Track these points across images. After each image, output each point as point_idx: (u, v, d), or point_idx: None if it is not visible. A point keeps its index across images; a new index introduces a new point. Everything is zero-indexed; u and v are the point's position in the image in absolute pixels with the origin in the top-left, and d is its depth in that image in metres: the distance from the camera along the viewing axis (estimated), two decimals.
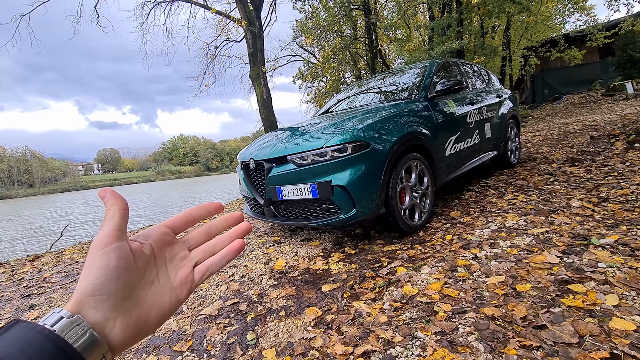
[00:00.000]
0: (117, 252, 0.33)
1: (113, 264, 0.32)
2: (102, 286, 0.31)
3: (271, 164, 2.43)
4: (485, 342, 1.19)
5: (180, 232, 0.42)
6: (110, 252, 0.33)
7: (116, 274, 0.32)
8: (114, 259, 0.33)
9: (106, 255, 0.32)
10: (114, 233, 0.34)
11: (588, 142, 4.76)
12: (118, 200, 0.36)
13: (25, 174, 71.17)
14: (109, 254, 0.33)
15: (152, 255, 0.38)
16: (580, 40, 13.93)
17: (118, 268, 0.33)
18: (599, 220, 2.08)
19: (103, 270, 0.32)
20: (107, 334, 0.31)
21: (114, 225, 0.34)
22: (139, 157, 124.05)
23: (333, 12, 11.61)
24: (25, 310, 2.13)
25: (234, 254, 0.42)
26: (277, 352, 1.37)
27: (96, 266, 0.32)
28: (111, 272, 0.32)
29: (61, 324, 0.28)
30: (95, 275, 0.31)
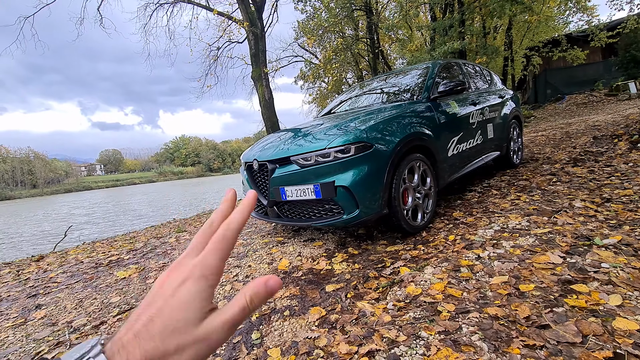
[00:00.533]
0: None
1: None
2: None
3: (275, 165, 2.45)
4: (489, 341, 1.19)
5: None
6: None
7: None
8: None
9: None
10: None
11: (591, 143, 4.76)
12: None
13: (28, 174, 71.62)
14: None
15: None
16: (582, 40, 13.90)
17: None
18: (602, 221, 2.08)
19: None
20: None
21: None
22: (141, 158, 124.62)
23: (334, 12, 11.65)
24: (32, 310, 2.16)
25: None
26: (282, 351, 1.38)
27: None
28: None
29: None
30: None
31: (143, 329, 0.28)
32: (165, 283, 0.30)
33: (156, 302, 0.29)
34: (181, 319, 0.28)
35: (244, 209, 0.34)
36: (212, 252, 0.31)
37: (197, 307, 0.29)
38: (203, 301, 0.30)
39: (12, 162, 69.52)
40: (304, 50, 16.39)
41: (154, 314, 0.28)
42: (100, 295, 2.28)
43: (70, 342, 1.69)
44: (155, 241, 3.77)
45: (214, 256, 0.31)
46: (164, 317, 0.28)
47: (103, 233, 9.69)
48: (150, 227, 5.41)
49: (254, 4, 9.79)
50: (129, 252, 3.42)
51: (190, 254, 0.32)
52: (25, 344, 1.72)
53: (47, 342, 1.72)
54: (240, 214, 0.34)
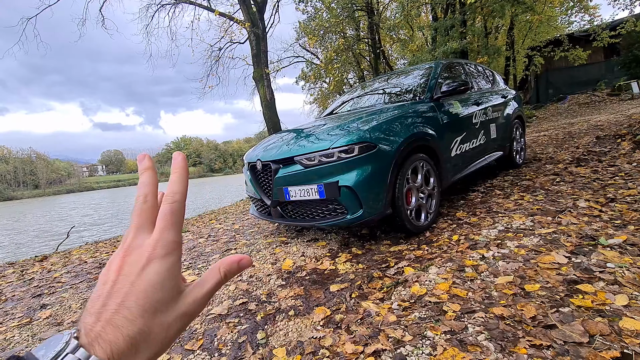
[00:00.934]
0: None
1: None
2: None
3: (278, 165, 2.45)
4: (495, 341, 1.19)
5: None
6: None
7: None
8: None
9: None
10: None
11: (594, 143, 4.74)
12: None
13: (30, 175, 71.88)
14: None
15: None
16: (585, 40, 13.85)
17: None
18: (606, 221, 2.07)
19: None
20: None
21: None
22: None
23: (336, 13, 11.65)
24: (37, 310, 2.16)
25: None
26: (287, 351, 1.39)
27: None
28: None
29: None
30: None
31: (118, 316, 0.26)
32: (123, 267, 0.29)
33: (121, 288, 0.28)
34: (159, 299, 0.28)
35: (182, 176, 0.33)
36: (167, 229, 0.30)
37: (171, 285, 0.29)
38: (175, 278, 0.30)
39: (14, 163, 69.79)
40: (305, 51, 16.40)
41: (125, 299, 0.27)
42: None
43: None
44: None
45: (171, 232, 0.30)
46: (139, 300, 0.27)
47: (115, 233, 9.71)
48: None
49: (256, 5, 9.81)
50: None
51: (139, 235, 0.30)
52: (31, 344, 1.73)
53: None
54: (180, 183, 0.32)
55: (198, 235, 3.75)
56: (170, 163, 0.36)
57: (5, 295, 2.54)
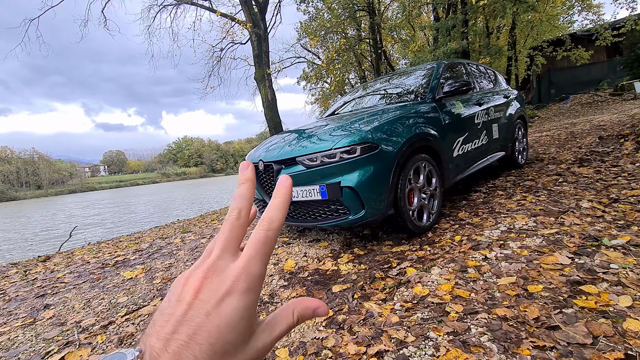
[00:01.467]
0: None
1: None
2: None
3: (280, 166, 2.45)
4: (498, 342, 1.19)
5: None
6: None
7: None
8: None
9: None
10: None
11: (597, 143, 4.73)
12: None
13: (33, 175, 72.17)
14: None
15: None
16: (587, 40, 13.81)
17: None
18: (610, 221, 2.07)
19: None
20: None
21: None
22: (145, 159, 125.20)
23: (337, 13, 11.66)
24: (40, 310, 2.17)
25: None
26: (290, 352, 1.39)
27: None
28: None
29: None
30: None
31: (187, 352, 0.24)
32: (201, 292, 0.26)
33: (195, 317, 0.25)
34: (230, 340, 0.25)
35: (284, 203, 0.29)
36: (255, 259, 0.27)
37: (246, 325, 0.26)
38: (251, 318, 0.26)
39: (17, 163, 70.10)
40: (306, 51, 16.43)
41: (197, 332, 0.24)
42: (108, 295, 2.29)
43: (79, 342, 1.70)
44: (161, 242, 3.79)
45: (258, 263, 0.27)
46: (211, 337, 0.24)
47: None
48: (155, 228, 5.44)
49: (257, 6, 9.82)
50: (134, 252, 3.44)
51: (224, 255, 0.27)
52: (34, 344, 1.74)
53: (56, 341, 1.73)
54: (280, 210, 0.29)
55: (200, 236, 3.76)
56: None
57: (9, 295, 2.55)
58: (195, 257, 2.91)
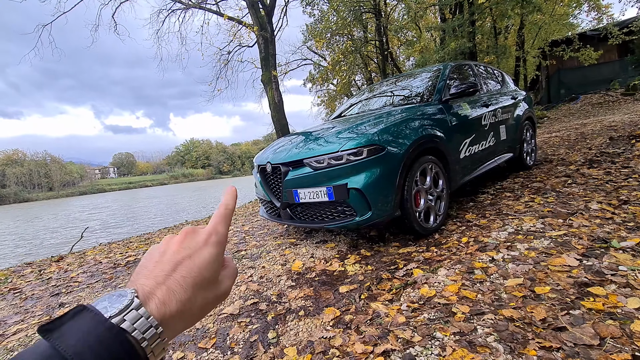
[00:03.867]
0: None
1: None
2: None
3: (288, 168, 2.49)
4: (504, 343, 1.20)
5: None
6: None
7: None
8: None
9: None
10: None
11: (607, 143, 4.66)
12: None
13: (45, 178, 73.60)
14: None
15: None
16: (597, 39, 13.60)
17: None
18: (619, 223, 2.05)
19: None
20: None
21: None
22: (153, 161, 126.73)
23: (343, 15, 11.69)
24: (55, 308, 2.24)
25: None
26: (298, 350, 1.41)
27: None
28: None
29: (130, 317, 0.28)
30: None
31: (174, 282, 0.32)
32: (184, 243, 0.35)
33: (180, 260, 0.34)
34: (206, 276, 0.34)
35: (232, 196, 0.42)
36: (221, 223, 0.39)
37: (217, 268, 0.36)
38: (219, 264, 0.36)
39: (29, 166, 71.58)
40: (312, 53, 16.50)
41: (182, 269, 0.33)
42: None
43: None
44: None
45: (223, 226, 0.39)
46: (193, 272, 0.33)
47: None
48: (164, 229, 5.52)
49: (264, 9, 9.92)
50: (145, 252, 3.50)
51: (194, 227, 0.39)
52: None
53: None
54: (232, 200, 0.42)
55: None
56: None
57: (26, 293, 2.63)
58: None
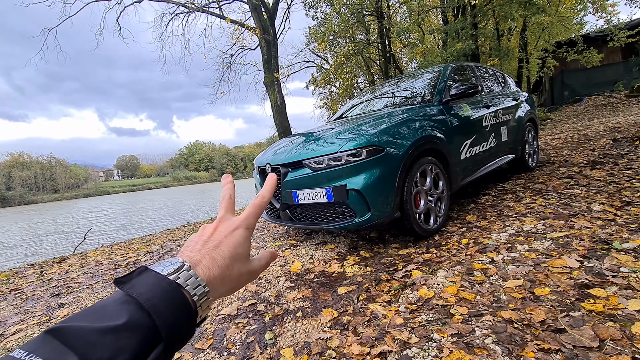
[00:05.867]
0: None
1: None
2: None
3: (287, 169, 2.49)
4: (502, 344, 1.19)
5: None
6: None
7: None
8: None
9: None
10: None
11: (610, 145, 4.63)
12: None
13: (50, 180, 74.19)
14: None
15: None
16: (601, 41, 13.52)
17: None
18: (621, 225, 2.02)
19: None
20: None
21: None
22: (157, 163, 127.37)
23: (345, 18, 11.73)
24: (55, 309, 2.25)
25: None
26: (294, 351, 1.40)
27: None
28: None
29: (183, 276, 0.34)
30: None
31: (215, 253, 0.39)
32: (218, 228, 0.42)
33: (217, 238, 0.41)
34: (240, 252, 0.41)
35: (271, 187, 0.49)
36: (252, 215, 0.45)
37: (247, 247, 0.43)
38: (249, 245, 0.43)
39: (35, 168, 72.21)
40: (315, 56, 16.56)
41: (220, 245, 0.40)
42: None
43: None
44: (171, 244, 3.86)
45: (254, 217, 0.45)
46: (229, 247, 0.40)
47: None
48: (166, 231, 5.54)
49: (267, 12, 9.98)
50: (145, 254, 3.51)
51: (227, 214, 0.45)
52: None
53: None
54: (269, 192, 0.48)
55: None
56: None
57: (26, 294, 2.64)
58: None
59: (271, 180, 0.49)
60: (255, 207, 0.45)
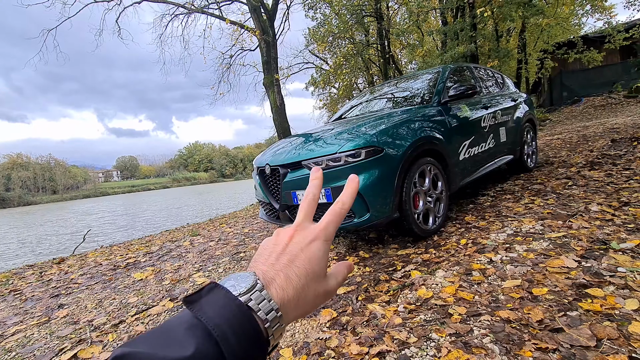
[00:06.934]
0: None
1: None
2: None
3: (286, 169, 2.49)
4: (500, 344, 1.19)
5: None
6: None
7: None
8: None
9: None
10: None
11: (609, 145, 4.64)
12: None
13: (49, 181, 74.09)
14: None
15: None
16: (599, 42, 13.57)
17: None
18: (619, 225, 2.03)
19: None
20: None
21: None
22: (156, 164, 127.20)
23: (345, 19, 11.75)
24: (55, 309, 2.25)
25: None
26: (294, 351, 1.41)
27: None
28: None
29: (255, 297, 0.30)
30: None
31: (290, 270, 0.33)
32: (294, 238, 0.36)
33: (292, 251, 0.35)
34: (315, 270, 0.35)
35: (353, 192, 0.41)
36: (332, 223, 0.38)
37: (324, 264, 0.36)
38: (326, 260, 0.37)
39: (34, 169, 72.11)
40: (314, 57, 16.57)
41: (295, 260, 0.34)
42: (119, 295, 2.35)
43: (91, 340, 1.75)
44: (171, 244, 3.86)
45: (333, 226, 0.38)
46: (304, 264, 0.34)
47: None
48: (165, 231, 5.54)
49: (266, 13, 10.00)
50: (145, 255, 3.51)
51: (306, 220, 0.39)
52: (49, 341, 1.80)
53: (69, 339, 1.79)
54: (351, 197, 0.41)
55: (209, 239, 3.82)
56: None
57: (25, 295, 2.64)
58: (204, 259, 2.97)
59: (353, 184, 0.41)
60: (335, 215, 0.39)
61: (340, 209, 0.39)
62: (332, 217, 0.39)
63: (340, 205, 0.39)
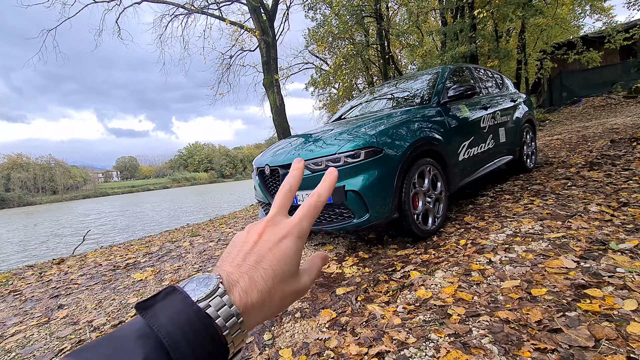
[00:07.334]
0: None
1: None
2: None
3: (286, 170, 2.50)
4: (499, 344, 1.19)
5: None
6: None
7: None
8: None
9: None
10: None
11: (608, 146, 4.65)
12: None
13: (49, 181, 74.07)
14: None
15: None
16: (599, 42, 13.59)
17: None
18: (618, 225, 2.04)
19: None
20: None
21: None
22: (156, 164, 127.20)
23: (344, 19, 11.76)
24: (54, 310, 2.25)
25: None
26: (293, 352, 1.41)
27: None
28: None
29: (215, 304, 0.28)
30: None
31: (256, 272, 0.31)
32: (264, 234, 0.34)
33: (260, 250, 0.33)
34: (285, 270, 0.33)
35: (330, 185, 0.38)
36: (306, 217, 0.36)
37: (296, 262, 0.34)
38: (299, 258, 0.35)
39: (34, 170, 72.08)
40: (314, 57, 16.58)
41: (262, 260, 0.32)
42: (119, 296, 2.36)
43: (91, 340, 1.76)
44: (170, 245, 3.86)
45: (307, 221, 0.36)
46: (273, 264, 0.32)
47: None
48: (165, 232, 5.54)
49: (266, 14, 10.01)
50: (145, 255, 3.52)
51: (279, 214, 0.37)
52: (49, 342, 1.80)
53: (69, 339, 1.80)
54: (327, 189, 0.38)
55: (208, 239, 3.82)
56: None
57: (25, 295, 2.64)
58: (203, 260, 2.97)
59: (330, 177, 0.39)
60: (310, 208, 0.36)
61: (315, 201, 0.37)
62: (307, 211, 0.36)
63: (316, 198, 0.37)
